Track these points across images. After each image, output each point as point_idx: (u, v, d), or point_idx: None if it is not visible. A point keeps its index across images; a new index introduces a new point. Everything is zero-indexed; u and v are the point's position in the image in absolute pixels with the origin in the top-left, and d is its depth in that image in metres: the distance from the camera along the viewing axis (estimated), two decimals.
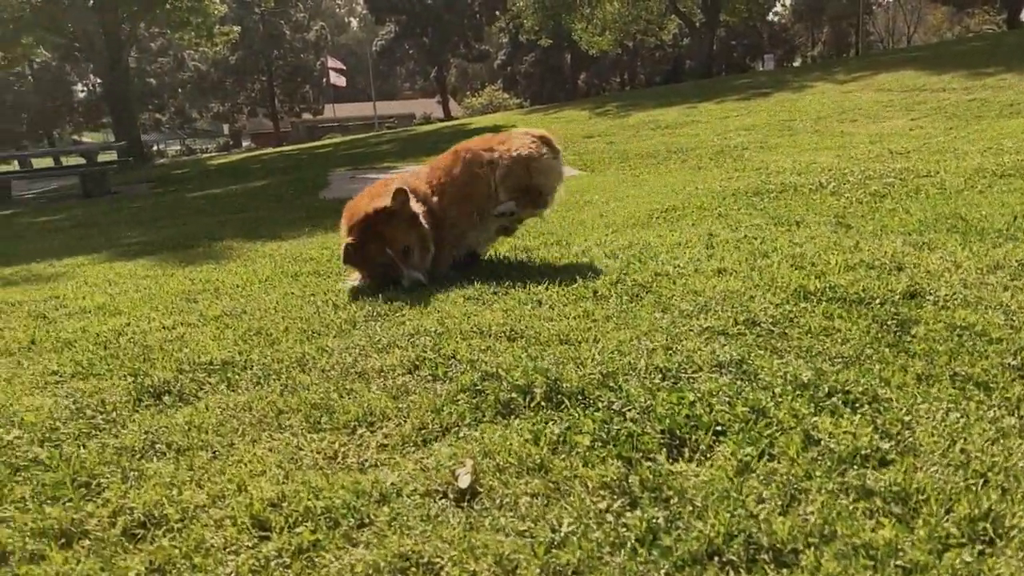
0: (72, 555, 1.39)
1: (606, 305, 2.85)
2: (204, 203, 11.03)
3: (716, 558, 1.23)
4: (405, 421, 1.89)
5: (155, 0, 25.56)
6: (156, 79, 49.24)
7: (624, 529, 1.32)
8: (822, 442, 1.54)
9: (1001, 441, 1.54)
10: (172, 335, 2.94)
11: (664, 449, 1.58)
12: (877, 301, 2.55)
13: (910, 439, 1.55)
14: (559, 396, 1.93)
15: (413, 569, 1.28)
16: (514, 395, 1.95)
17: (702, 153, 10.76)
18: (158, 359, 2.58)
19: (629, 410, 1.78)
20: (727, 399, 1.79)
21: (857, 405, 1.72)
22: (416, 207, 3.53)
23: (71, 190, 16.72)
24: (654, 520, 1.32)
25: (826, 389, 1.81)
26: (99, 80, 41.02)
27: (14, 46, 26.58)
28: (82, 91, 51.78)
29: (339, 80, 50.85)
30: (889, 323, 2.32)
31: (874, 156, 7.88)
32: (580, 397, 1.91)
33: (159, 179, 18.02)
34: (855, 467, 1.45)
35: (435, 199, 3.69)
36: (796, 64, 55.79)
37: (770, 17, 53.42)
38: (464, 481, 1.50)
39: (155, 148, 46.83)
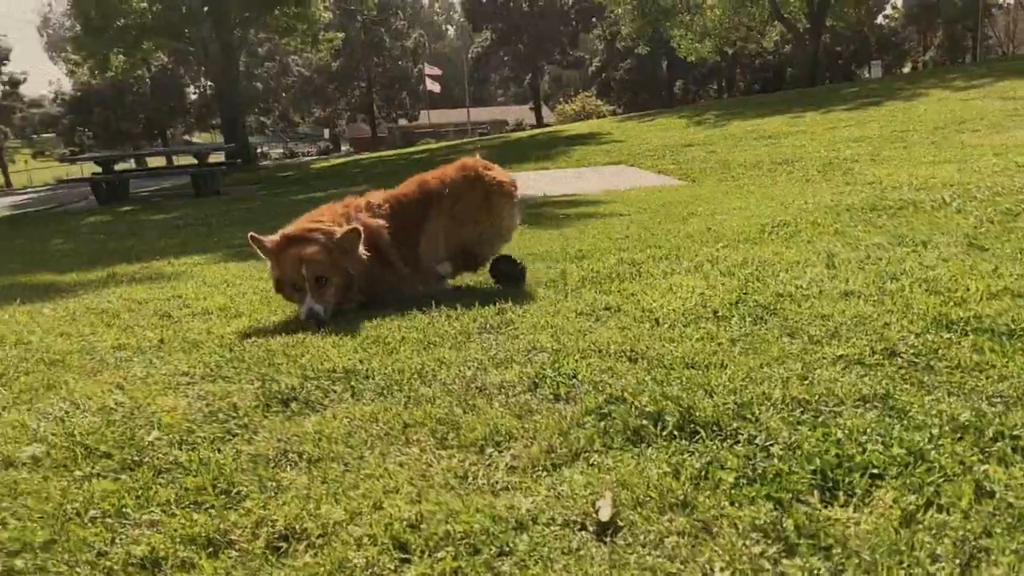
0: (220, 565, 1.41)
1: (729, 327, 2.75)
2: (309, 206, 11.35)
3: None
4: (532, 443, 1.86)
5: (265, 6, 26.68)
6: (262, 83, 51.34)
7: None
8: (997, 494, 1.42)
9: None
10: (293, 340, 3.00)
11: (816, 491, 1.49)
12: None
13: None
14: (692, 425, 1.86)
15: None
16: (644, 422, 1.89)
17: (809, 165, 10.38)
18: (283, 364, 2.64)
19: (772, 445, 1.69)
20: (879, 438, 1.68)
21: None
22: (360, 249, 3.38)
23: (183, 189, 17.55)
24: (816, 571, 1.24)
25: (990, 433, 1.67)
26: (211, 84, 43.05)
27: (136, 51, 28.27)
28: (194, 94, 54.47)
29: (434, 86, 51.80)
30: None
31: (1000, 170, 7.41)
32: (715, 428, 1.83)
33: (265, 181, 18.73)
34: None
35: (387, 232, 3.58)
36: (905, 70, 53.42)
37: (878, 20, 51.23)
38: (605, 513, 1.45)
39: (260, 150, 48.79)
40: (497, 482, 1.68)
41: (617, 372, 2.30)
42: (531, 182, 11.88)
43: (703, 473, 1.60)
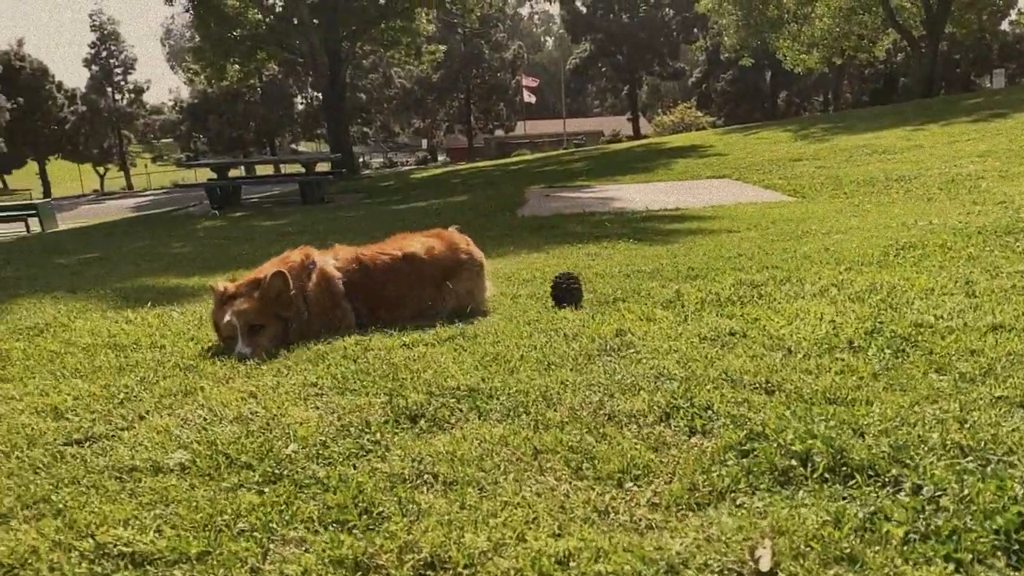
0: None
1: (867, 359, 2.60)
2: (412, 216, 11.57)
3: None
4: (673, 479, 1.79)
5: (371, 19, 27.50)
6: (366, 94, 52.88)
7: None
8: None
9: None
10: (413, 353, 3.03)
11: (1001, 554, 1.37)
12: None
13: None
14: (845, 469, 1.75)
15: None
16: (791, 462, 1.80)
17: (928, 182, 9.87)
18: (407, 379, 2.66)
19: (941, 497, 1.57)
20: None
21: None
22: (292, 295, 3.45)
23: (290, 196, 18.22)
24: None
25: None
26: (317, 94, 44.65)
27: (250, 61, 29.64)
28: (301, 104, 56.58)
29: (531, 97, 52.15)
30: None
31: None
32: (871, 473, 1.72)
33: (367, 190, 19.22)
34: None
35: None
36: None
37: (1003, 27, 48.22)
38: (765, 563, 1.37)
39: (361, 160, 50.22)
40: (640, 519, 1.62)
41: (754, 405, 2.21)
42: (633, 195, 11.74)
43: (867, 524, 1.49)
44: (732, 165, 14.93)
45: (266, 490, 1.84)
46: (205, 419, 2.38)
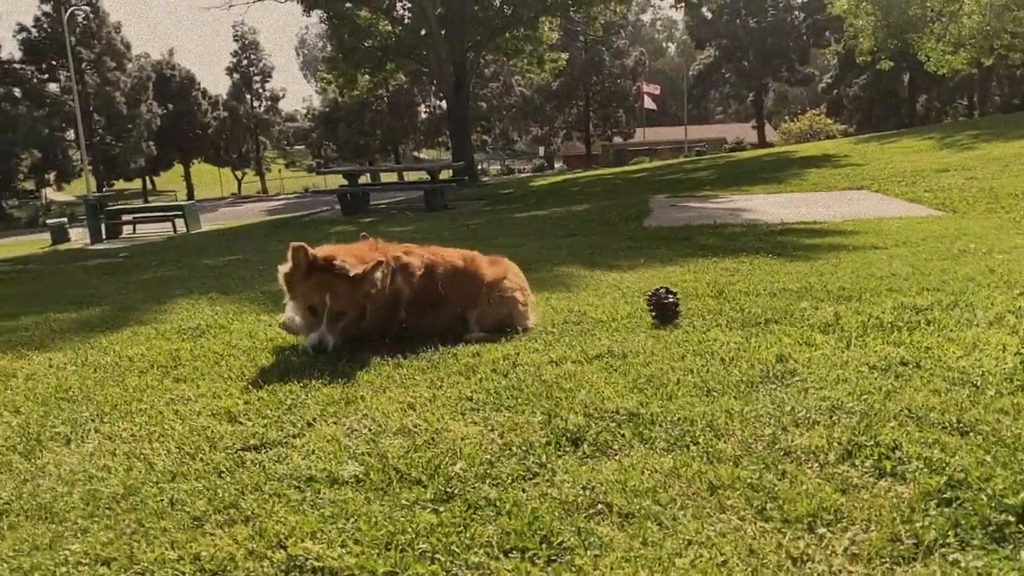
0: None
1: None
2: (533, 224, 11.60)
3: None
4: (869, 526, 1.67)
5: (496, 29, 27.91)
6: (486, 103, 53.78)
7: None
8: None
9: None
10: (562, 371, 2.99)
11: None
12: None
13: None
14: None
15: None
16: (1007, 517, 1.64)
17: None
18: (562, 399, 2.62)
19: None
20: None
21: None
22: (382, 285, 3.40)
23: (414, 203, 18.71)
24: None
25: None
26: (442, 104, 45.72)
27: (380, 71, 30.72)
28: (424, 112, 58.16)
29: (651, 104, 51.53)
30: None
31: None
32: None
33: (487, 197, 19.48)
34: None
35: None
36: None
37: None
38: None
39: (480, 167, 51.14)
40: (840, 570, 1.52)
41: (947, 447, 2.04)
42: (765, 207, 11.34)
43: None
44: (870, 176, 14.17)
45: (441, 509, 1.84)
46: (371, 430, 2.43)
